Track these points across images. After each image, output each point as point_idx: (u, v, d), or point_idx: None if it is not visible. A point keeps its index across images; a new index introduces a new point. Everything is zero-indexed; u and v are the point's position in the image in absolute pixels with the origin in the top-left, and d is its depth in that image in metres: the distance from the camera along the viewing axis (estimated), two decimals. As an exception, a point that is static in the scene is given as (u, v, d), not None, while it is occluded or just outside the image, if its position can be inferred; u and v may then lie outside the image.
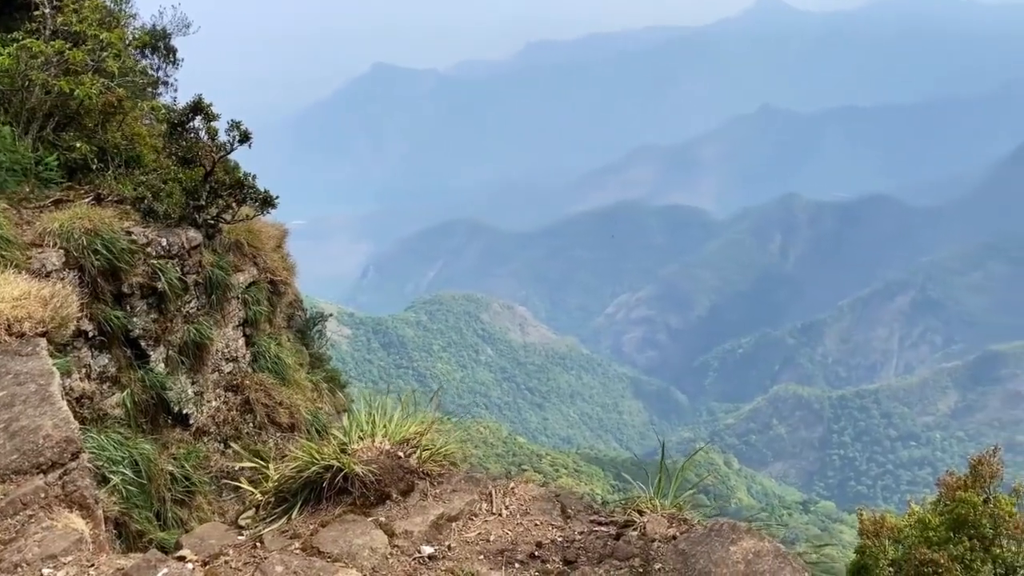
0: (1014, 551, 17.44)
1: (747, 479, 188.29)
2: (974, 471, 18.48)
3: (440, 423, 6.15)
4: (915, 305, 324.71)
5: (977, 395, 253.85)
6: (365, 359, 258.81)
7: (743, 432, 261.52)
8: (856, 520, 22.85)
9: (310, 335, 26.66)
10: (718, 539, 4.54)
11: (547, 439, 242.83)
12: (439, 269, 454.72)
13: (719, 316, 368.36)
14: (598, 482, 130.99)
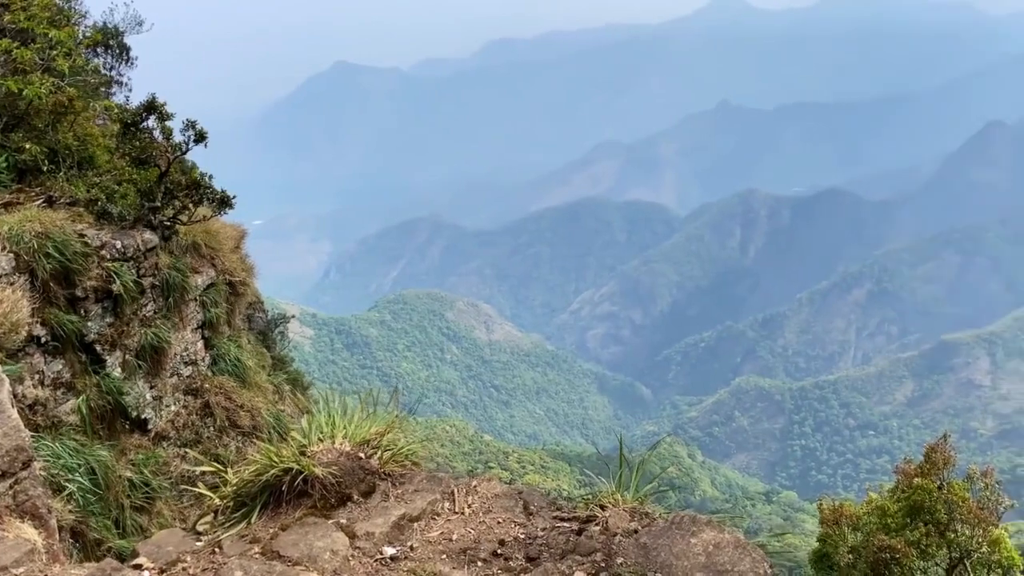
0: (968, 535, 17.92)
1: (711, 471, 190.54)
2: (928, 458, 18.93)
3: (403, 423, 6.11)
4: (871, 297, 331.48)
5: (932, 383, 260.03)
6: (328, 360, 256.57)
7: (706, 424, 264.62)
8: (818, 509, 23.28)
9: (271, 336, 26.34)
10: (679, 532, 4.59)
11: (513, 436, 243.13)
12: (402, 268, 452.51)
13: (681, 310, 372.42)
14: (564, 478, 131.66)
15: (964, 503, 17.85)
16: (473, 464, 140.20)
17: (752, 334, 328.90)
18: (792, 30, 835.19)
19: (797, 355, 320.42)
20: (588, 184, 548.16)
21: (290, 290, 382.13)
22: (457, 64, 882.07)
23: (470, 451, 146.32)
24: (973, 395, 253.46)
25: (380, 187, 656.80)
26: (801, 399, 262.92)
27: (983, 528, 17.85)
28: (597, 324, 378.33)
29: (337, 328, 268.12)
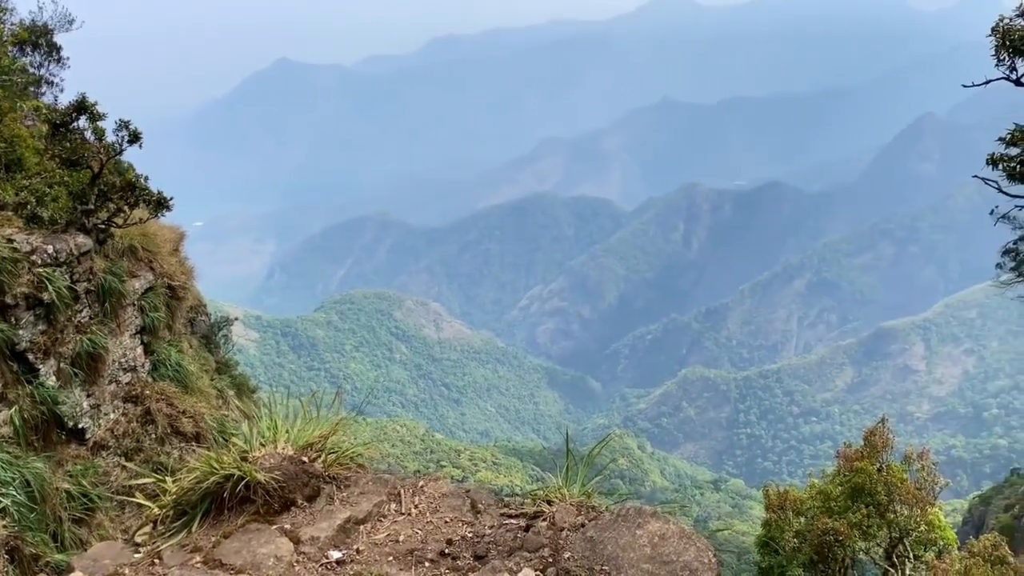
0: (906, 515, 18.54)
1: (660, 461, 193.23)
2: (868, 442, 19.54)
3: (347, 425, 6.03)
4: (811, 287, 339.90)
5: (871, 370, 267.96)
6: (275, 363, 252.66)
7: (655, 416, 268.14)
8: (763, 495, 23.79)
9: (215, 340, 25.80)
10: (625, 524, 4.64)
11: (465, 434, 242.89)
12: (349, 267, 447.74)
13: (628, 304, 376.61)
14: (517, 474, 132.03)
15: (903, 484, 18.46)
16: (425, 463, 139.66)
17: (697, 326, 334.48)
18: (732, 26, 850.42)
19: (741, 345, 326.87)
20: (535, 180, 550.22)
21: (234, 292, 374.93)
22: (401, 61, 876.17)
23: (421, 451, 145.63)
24: (909, 380, 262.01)
25: (325, 185, 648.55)
26: (746, 388, 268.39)
27: (921, 508, 18.50)
28: (547, 320, 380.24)
29: (283, 330, 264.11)
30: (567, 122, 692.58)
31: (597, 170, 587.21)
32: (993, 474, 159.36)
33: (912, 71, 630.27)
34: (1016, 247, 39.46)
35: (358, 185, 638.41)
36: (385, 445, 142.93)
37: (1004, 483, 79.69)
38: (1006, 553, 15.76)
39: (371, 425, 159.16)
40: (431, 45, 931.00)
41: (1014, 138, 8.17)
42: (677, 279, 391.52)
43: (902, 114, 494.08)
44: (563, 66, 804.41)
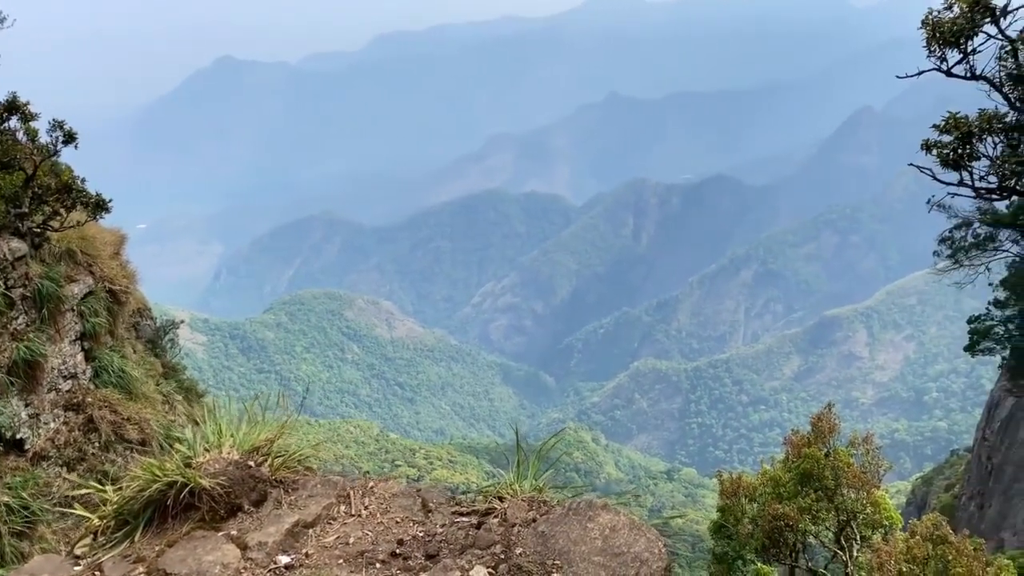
0: (853, 498, 19.08)
1: (614, 453, 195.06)
2: (815, 428, 20.04)
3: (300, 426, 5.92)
4: (757, 277, 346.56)
5: (816, 357, 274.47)
6: (224, 366, 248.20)
7: (608, 408, 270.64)
8: (717, 481, 24.21)
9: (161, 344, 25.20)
10: (576, 518, 4.66)
11: (420, 433, 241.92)
12: (297, 267, 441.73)
13: (580, 299, 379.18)
14: (473, 471, 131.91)
15: (849, 468, 18.99)
16: (379, 463, 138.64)
17: (648, 318, 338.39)
18: (676, 22, 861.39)
19: (691, 337, 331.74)
20: (485, 176, 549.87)
21: (180, 295, 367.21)
22: (346, 58, 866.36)
23: (376, 451, 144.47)
24: (854, 366, 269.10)
25: (271, 185, 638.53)
26: (696, 379, 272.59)
27: (867, 491, 19.04)
28: (499, 316, 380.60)
29: (231, 332, 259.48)
30: (516, 118, 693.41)
31: (546, 166, 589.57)
32: (934, 455, 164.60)
33: (849, 66, 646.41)
34: (951, 235, 40.86)
35: (305, 184, 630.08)
36: (339, 446, 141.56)
37: (944, 464, 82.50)
38: (947, 532, 16.28)
39: (324, 426, 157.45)
40: (377, 42, 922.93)
41: (948, 125, 8.43)
42: (628, 273, 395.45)
43: (841, 108, 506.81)
44: (511, 62, 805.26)
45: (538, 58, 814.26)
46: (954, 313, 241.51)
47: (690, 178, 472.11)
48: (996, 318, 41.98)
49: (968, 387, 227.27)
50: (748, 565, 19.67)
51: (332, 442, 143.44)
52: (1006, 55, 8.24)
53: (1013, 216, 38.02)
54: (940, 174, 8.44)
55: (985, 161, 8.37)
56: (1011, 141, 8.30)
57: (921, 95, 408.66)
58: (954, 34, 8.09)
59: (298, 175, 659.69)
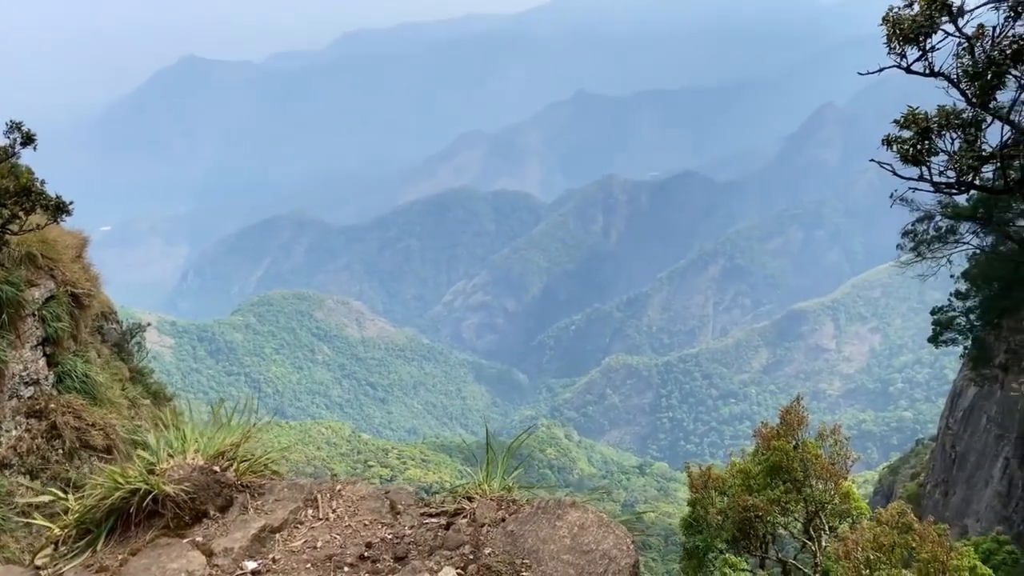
0: (821, 489, 19.38)
1: (587, 449, 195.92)
2: (784, 421, 20.30)
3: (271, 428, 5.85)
4: (725, 272, 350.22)
5: (784, 350, 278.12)
6: (192, 369, 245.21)
7: (581, 404, 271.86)
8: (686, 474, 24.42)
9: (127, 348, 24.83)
10: (545, 516, 4.66)
11: (392, 433, 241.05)
12: (266, 268, 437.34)
13: (551, 296, 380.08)
14: (446, 470, 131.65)
15: (817, 460, 19.27)
16: (352, 464, 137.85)
17: (619, 314, 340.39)
18: (643, 20, 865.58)
19: (661, 332, 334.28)
20: (454, 175, 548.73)
21: (146, 298, 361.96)
22: (312, 56, 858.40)
23: (348, 452, 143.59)
24: (821, 359, 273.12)
25: (238, 185, 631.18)
26: (667, 373, 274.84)
27: (835, 482, 19.34)
28: (471, 314, 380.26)
29: (199, 335, 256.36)
30: (484, 116, 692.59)
31: (515, 164, 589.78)
32: (900, 445, 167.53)
33: (814, 63, 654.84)
34: (914, 228, 41.59)
35: (272, 184, 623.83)
36: (310, 448, 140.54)
37: (910, 453, 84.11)
38: (912, 520, 16.58)
39: (295, 428, 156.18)
40: (342, 40, 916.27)
41: (907, 121, 8.58)
42: (598, 269, 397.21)
43: (806, 105, 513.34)
44: (478, 60, 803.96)
45: (506, 56, 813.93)
46: (918, 305, 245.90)
47: (658, 175, 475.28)
48: (958, 309, 42.81)
49: (932, 377, 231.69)
50: (719, 557, 19.90)
51: (303, 444, 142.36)
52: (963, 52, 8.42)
53: (973, 209, 38.81)
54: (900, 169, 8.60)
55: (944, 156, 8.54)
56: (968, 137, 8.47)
57: (883, 91, 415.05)
58: (913, 31, 8.25)
59: (265, 175, 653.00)
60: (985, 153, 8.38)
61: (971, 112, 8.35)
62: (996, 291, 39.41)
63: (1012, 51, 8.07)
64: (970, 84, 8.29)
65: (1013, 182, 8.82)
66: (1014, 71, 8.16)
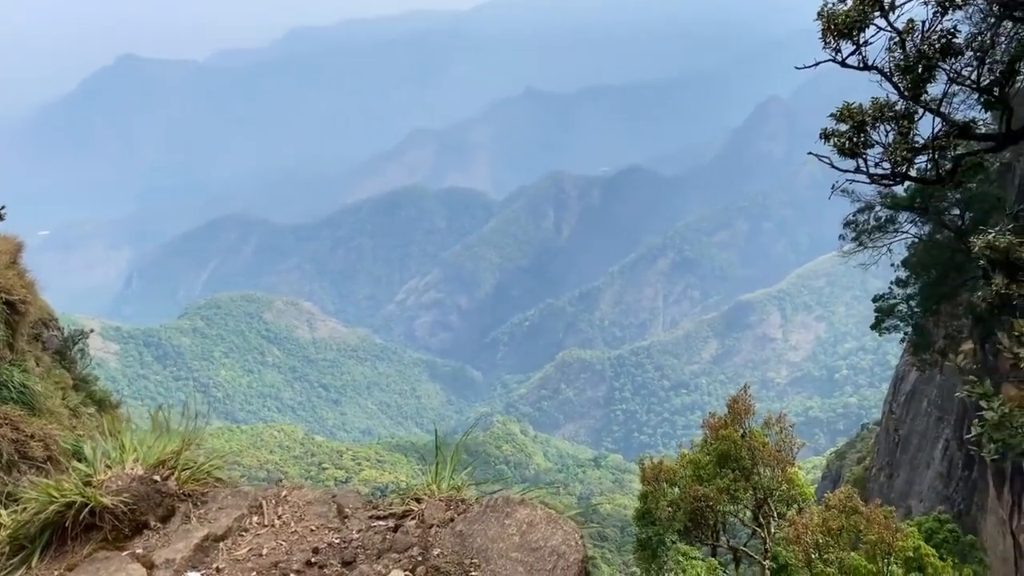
0: (769, 476, 19.78)
1: (543, 444, 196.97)
2: (731, 410, 20.67)
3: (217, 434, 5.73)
4: (674, 265, 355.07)
5: (733, 340, 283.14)
6: (139, 375, 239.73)
7: (535, 400, 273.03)
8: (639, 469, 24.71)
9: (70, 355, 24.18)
10: (494, 515, 4.64)
11: (346, 434, 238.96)
12: (212, 270, 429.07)
13: (504, 292, 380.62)
14: (402, 469, 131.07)
15: (764, 448, 19.67)
16: (306, 467, 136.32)
17: (571, 309, 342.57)
18: (588, 16, 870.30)
19: (613, 325, 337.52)
20: (404, 172, 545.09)
21: (89, 303, 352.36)
22: (256, 54, 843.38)
23: (302, 455, 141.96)
24: (768, 348, 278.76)
25: (182, 186, 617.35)
26: (620, 366, 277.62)
27: (782, 468, 19.76)
28: (424, 312, 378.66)
29: (145, 340, 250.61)
30: (433, 113, 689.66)
31: (465, 161, 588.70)
32: (846, 430, 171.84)
33: (759, 56, 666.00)
34: (855, 219, 42.64)
35: (218, 184, 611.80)
36: (263, 452, 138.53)
37: (856, 438, 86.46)
38: (857, 504, 17.03)
39: (247, 432, 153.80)
40: (286, 37, 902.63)
41: (843, 114, 8.78)
42: (550, 265, 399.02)
43: (751, 98, 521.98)
44: (425, 57, 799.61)
45: (452, 53, 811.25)
46: (860, 293, 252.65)
47: (607, 170, 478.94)
48: (899, 296, 43.96)
49: (876, 363, 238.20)
50: (671, 548, 20.19)
51: (256, 448, 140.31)
52: (895, 46, 8.63)
53: (910, 199, 39.94)
54: (838, 162, 8.81)
55: (879, 148, 8.76)
56: (901, 129, 8.71)
57: (825, 85, 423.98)
58: (847, 26, 8.44)
59: (210, 175, 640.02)
60: (918, 144, 8.63)
61: (904, 105, 8.58)
62: (934, 278, 40.56)
63: (941, 45, 8.32)
64: (902, 77, 8.52)
65: (945, 172, 9.10)
66: (943, 65, 8.41)
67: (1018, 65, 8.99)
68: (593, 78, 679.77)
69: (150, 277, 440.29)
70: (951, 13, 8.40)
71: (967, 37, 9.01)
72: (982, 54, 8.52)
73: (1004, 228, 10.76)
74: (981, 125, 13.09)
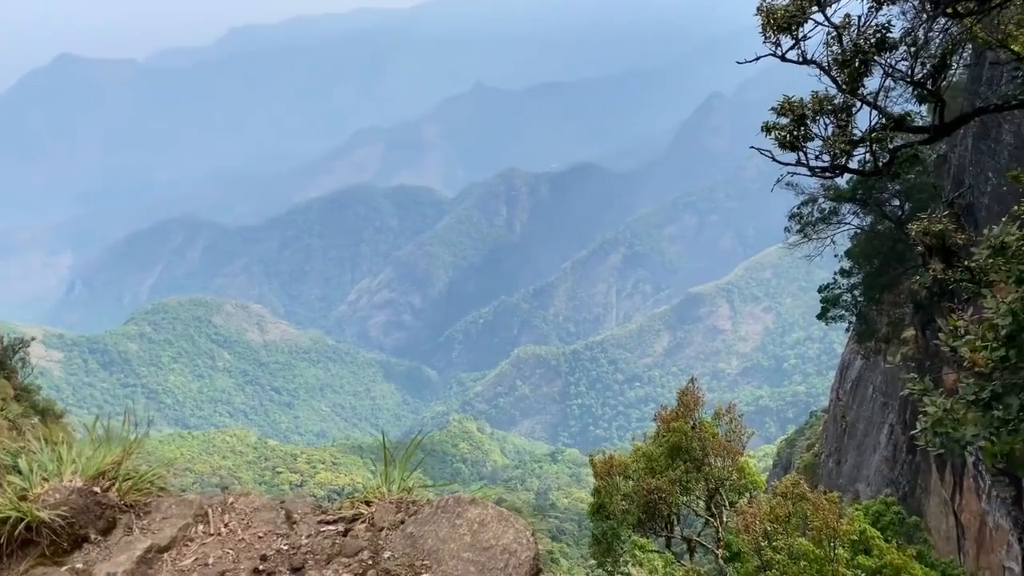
0: (720, 466, 20.12)
1: (500, 441, 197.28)
2: (681, 402, 20.96)
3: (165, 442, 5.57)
4: (626, 260, 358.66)
5: (684, 333, 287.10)
6: (84, 383, 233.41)
7: (491, 397, 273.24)
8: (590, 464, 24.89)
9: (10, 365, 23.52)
10: (444, 515, 4.61)
11: (300, 437, 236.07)
12: (159, 274, 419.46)
13: (458, 290, 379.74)
14: (359, 471, 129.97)
15: (714, 439, 19.99)
16: (260, 472, 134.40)
17: (526, 305, 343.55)
18: (535, 14, 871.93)
19: (567, 321, 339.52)
20: (353, 171, 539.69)
21: (29, 311, 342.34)
22: (199, 53, 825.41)
23: (255, 459, 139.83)
24: (719, 339, 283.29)
25: (125, 188, 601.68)
26: (574, 361, 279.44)
27: (732, 458, 20.11)
28: (377, 312, 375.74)
29: (90, 347, 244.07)
30: (381, 111, 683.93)
31: (416, 158, 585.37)
32: (796, 418, 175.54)
33: (705, 52, 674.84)
34: (800, 211, 43.59)
35: (162, 186, 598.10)
36: (215, 458, 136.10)
37: (805, 426, 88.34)
38: (805, 490, 17.41)
39: (198, 439, 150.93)
40: (230, 36, 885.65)
41: (783, 108, 8.94)
42: (503, 262, 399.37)
43: (697, 94, 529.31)
44: (372, 55, 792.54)
45: (400, 50, 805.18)
46: (806, 284, 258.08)
47: (558, 167, 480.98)
48: (843, 286, 45.07)
49: (823, 352, 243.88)
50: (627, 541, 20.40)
51: (208, 454, 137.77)
52: (832, 41, 8.82)
53: (852, 191, 40.97)
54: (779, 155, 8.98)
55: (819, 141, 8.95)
56: (840, 122, 8.91)
57: (768, 79, 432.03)
58: (786, 21, 8.61)
59: (154, 177, 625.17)
60: (856, 137, 8.84)
61: (842, 98, 8.79)
62: (876, 268, 41.67)
63: (876, 40, 8.54)
64: (840, 72, 8.72)
65: (882, 164, 9.34)
66: (879, 59, 8.63)
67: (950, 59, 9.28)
68: (542, 75, 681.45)
69: (94, 283, 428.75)
70: (886, 8, 8.62)
71: (901, 32, 9.26)
72: (915, 49, 8.77)
73: (939, 215, 11.08)
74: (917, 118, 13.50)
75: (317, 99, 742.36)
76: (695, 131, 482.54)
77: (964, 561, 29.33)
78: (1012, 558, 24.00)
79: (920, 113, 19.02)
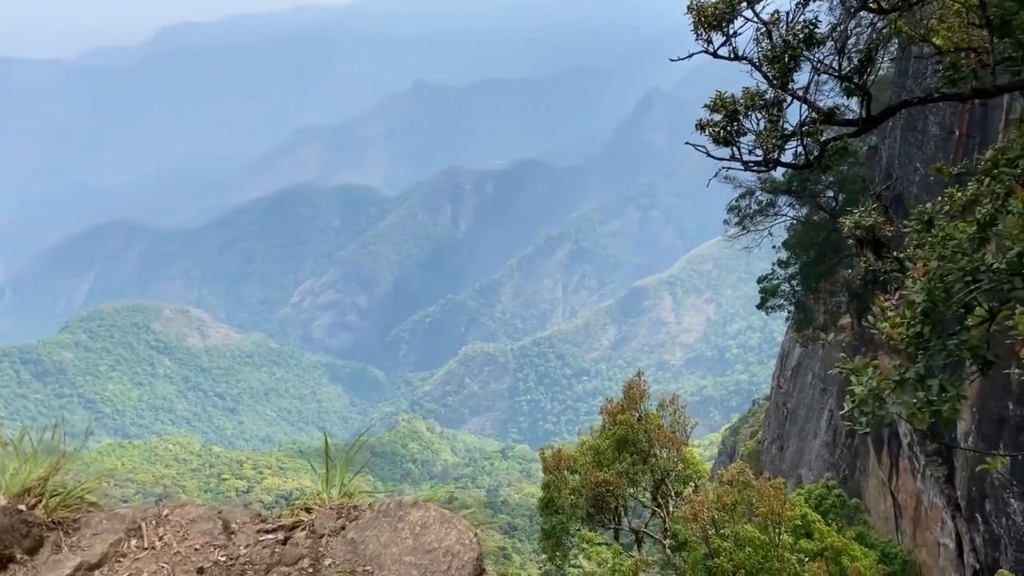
0: (665, 457, 20.43)
1: (450, 439, 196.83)
2: (627, 395, 21.21)
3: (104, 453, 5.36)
4: (571, 255, 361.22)
5: (629, 326, 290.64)
6: (17, 395, 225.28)
7: (440, 396, 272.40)
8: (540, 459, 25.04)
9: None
10: (386, 520, 4.56)
11: (246, 443, 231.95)
12: (94, 280, 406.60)
13: (404, 289, 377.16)
14: (306, 476, 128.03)
15: (659, 430, 20.29)
16: (205, 479, 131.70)
17: (473, 303, 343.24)
18: (477, 11, 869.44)
19: (515, 317, 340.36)
20: (294, 171, 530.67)
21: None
22: (133, 52, 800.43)
23: (199, 467, 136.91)
24: (663, 331, 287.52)
25: (56, 193, 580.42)
26: (523, 357, 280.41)
27: (676, 448, 20.44)
28: (321, 314, 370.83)
29: (22, 357, 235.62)
30: (322, 110, 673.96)
31: (358, 157, 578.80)
32: (739, 407, 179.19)
33: (646, 49, 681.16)
34: (738, 204, 44.49)
35: (97, 189, 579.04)
36: (158, 467, 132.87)
37: (748, 414, 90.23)
38: (749, 478, 17.80)
39: (140, 448, 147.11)
40: (163, 34, 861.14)
41: (717, 104, 9.09)
42: (449, 260, 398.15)
43: (638, 91, 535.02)
44: (311, 53, 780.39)
45: (339, 48, 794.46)
46: (746, 275, 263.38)
47: (502, 164, 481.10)
48: (781, 276, 46.15)
49: (763, 341, 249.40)
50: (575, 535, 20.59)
51: (150, 463, 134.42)
52: (762, 37, 8.99)
53: (788, 183, 42.00)
54: (714, 151, 9.14)
55: (752, 136, 9.12)
56: (772, 117, 9.09)
57: (706, 75, 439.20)
58: (716, 18, 8.75)
59: (87, 180, 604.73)
60: (787, 131, 9.05)
61: (773, 93, 8.97)
62: (812, 258, 42.78)
63: (804, 36, 8.74)
64: (770, 67, 8.89)
65: (813, 157, 9.56)
66: (807, 54, 8.83)
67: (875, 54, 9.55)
68: (484, 72, 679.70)
69: (25, 290, 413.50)
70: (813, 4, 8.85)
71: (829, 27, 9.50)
72: (842, 43, 9.01)
73: (869, 208, 11.41)
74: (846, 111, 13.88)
75: (256, 98, 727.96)
76: (635, 127, 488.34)
77: (902, 540, 30.33)
78: (946, 535, 24.92)
79: (849, 106, 19.57)
